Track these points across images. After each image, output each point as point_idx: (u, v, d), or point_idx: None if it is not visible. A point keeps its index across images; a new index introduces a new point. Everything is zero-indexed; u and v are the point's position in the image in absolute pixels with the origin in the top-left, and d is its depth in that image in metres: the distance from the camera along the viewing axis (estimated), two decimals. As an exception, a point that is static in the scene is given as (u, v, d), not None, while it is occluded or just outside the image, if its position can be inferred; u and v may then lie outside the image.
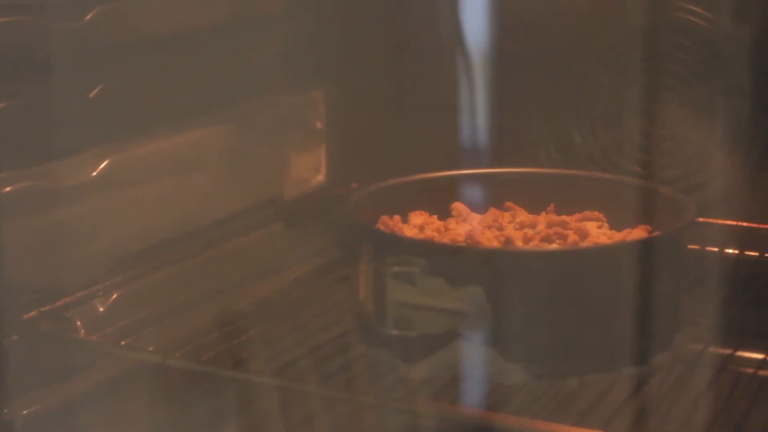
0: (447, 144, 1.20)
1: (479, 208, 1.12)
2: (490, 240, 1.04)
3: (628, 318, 0.96)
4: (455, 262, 0.96)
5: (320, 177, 1.36)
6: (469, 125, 1.21)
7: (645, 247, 1.00)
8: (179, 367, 1.01)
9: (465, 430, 0.91)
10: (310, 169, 1.35)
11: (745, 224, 1.23)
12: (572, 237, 1.03)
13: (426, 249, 0.99)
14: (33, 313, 1.02)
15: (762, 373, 0.99)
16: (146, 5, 1.10)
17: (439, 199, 1.12)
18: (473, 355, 0.95)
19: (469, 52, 1.23)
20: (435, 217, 1.11)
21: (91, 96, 1.06)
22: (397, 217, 1.08)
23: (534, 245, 1.03)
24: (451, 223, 1.10)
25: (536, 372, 0.94)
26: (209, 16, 1.17)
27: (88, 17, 1.04)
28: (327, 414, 0.99)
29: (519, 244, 1.03)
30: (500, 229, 1.07)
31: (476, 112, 1.22)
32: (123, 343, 1.04)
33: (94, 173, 1.07)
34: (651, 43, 1.27)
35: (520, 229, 1.08)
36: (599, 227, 1.08)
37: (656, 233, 1.05)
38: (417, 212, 1.11)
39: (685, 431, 0.89)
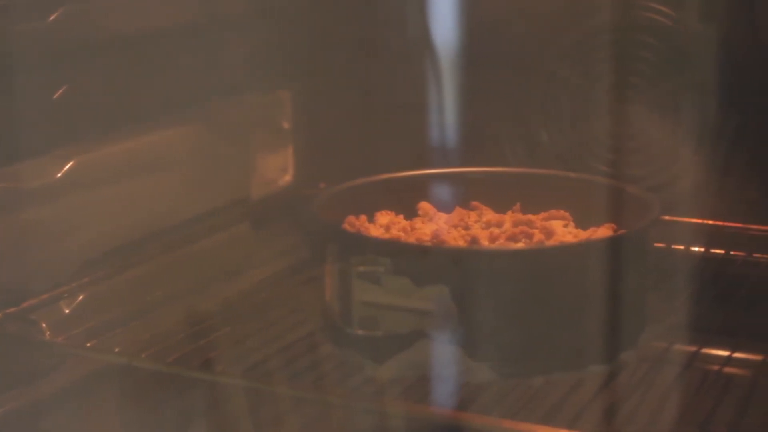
0: (415, 143, 1.21)
1: (446, 208, 1.13)
2: (456, 239, 1.04)
3: (594, 316, 0.97)
4: (420, 261, 0.96)
5: (287, 177, 1.36)
6: (436, 125, 1.21)
7: (610, 245, 1.00)
8: (146, 368, 1.00)
9: (432, 429, 0.91)
10: (278, 169, 1.35)
11: (710, 222, 1.23)
12: (538, 236, 1.04)
13: (391, 249, 0.99)
14: (-2, 315, 1.02)
15: (727, 370, 1.00)
16: (111, 5, 1.09)
17: (406, 199, 1.12)
18: (440, 355, 0.95)
19: (437, 52, 1.24)
20: (401, 216, 1.11)
21: (55, 97, 1.05)
22: (363, 217, 1.09)
23: (500, 244, 1.03)
24: (418, 222, 1.10)
25: (503, 371, 0.94)
26: (175, 17, 1.17)
27: (52, 18, 1.03)
28: (296, 414, 0.99)
29: (485, 243, 1.03)
30: (466, 228, 1.08)
31: (444, 112, 1.22)
32: (89, 344, 1.03)
33: (59, 174, 1.07)
34: (617, 42, 1.28)
35: (487, 228, 1.08)
36: (565, 226, 1.09)
37: (621, 231, 1.05)
38: (383, 212, 1.11)
39: (651, 429, 0.90)
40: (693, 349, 1.02)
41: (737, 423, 0.90)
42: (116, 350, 1.02)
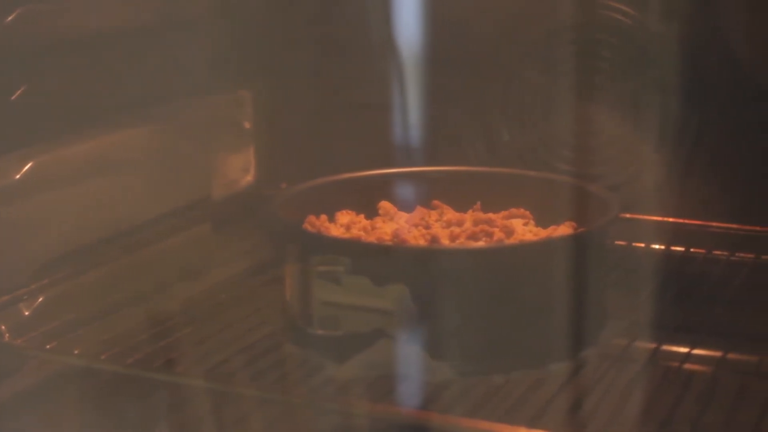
0: (377, 143, 1.20)
1: (407, 207, 1.13)
2: (416, 238, 1.04)
3: (554, 314, 0.97)
4: (380, 261, 0.96)
5: (249, 177, 1.36)
6: (399, 124, 1.21)
7: (569, 243, 1.01)
8: (106, 370, 1.00)
9: (394, 428, 0.91)
10: (239, 169, 1.35)
11: (671, 220, 1.24)
12: (498, 234, 1.04)
13: (350, 248, 0.99)
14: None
15: (688, 367, 1.00)
16: (69, 6, 1.09)
17: (367, 198, 1.13)
18: (400, 354, 0.95)
19: (400, 52, 1.23)
20: (362, 216, 1.11)
21: (13, 98, 1.05)
22: (323, 217, 1.09)
23: (460, 243, 1.03)
24: (378, 222, 1.10)
25: (463, 369, 0.94)
26: (134, 17, 1.16)
27: (9, 19, 1.03)
28: (259, 414, 0.99)
29: (445, 242, 1.03)
30: (427, 227, 1.08)
31: (406, 111, 1.22)
32: (49, 346, 1.03)
33: (18, 176, 1.06)
34: (577, 41, 1.28)
35: (447, 227, 1.08)
36: (525, 224, 1.09)
37: (581, 230, 1.05)
38: (344, 211, 1.11)
39: (613, 426, 0.90)
40: (653, 346, 1.02)
41: (699, 420, 0.90)
42: (75, 352, 1.01)
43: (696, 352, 1.02)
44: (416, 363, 0.95)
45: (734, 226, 1.22)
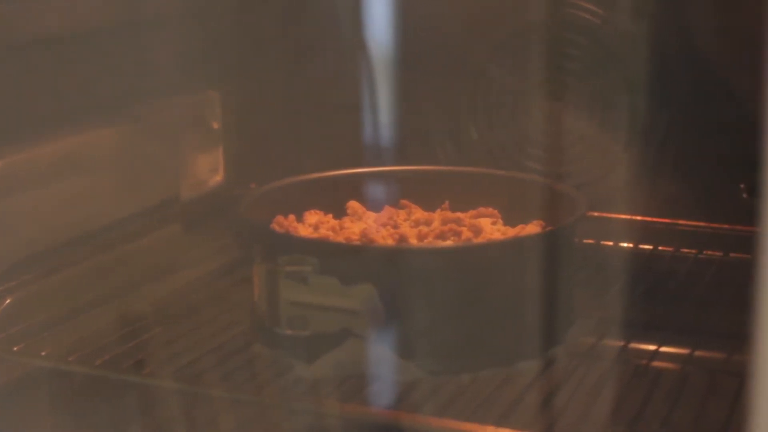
0: (348, 143, 1.21)
1: (375, 207, 1.13)
2: (384, 238, 1.04)
3: (522, 313, 0.97)
4: (348, 260, 0.96)
5: (218, 177, 1.35)
6: (369, 124, 1.21)
7: (537, 242, 1.01)
8: (74, 371, 1.00)
9: (363, 427, 0.91)
10: (208, 169, 1.34)
11: (639, 218, 1.24)
12: (466, 233, 1.04)
13: (318, 248, 0.99)
14: None
15: (656, 364, 1.01)
16: (34, 5, 1.08)
17: (335, 198, 1.13)
18: (368, 354, 0.95)
19: (369, 51, 1.24)
20: (330, 216, 1.12)
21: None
22: (291, 217, 1.08)
23: (428, 243, 1.03)
24: (347, 221, 1.10)
25: (432, 369, 0.95)
26: (102, 17, 1.16)
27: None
28: (229, 415, 0.99)
29: (413, 241, 1.04)
30: (395, 226, 1.08)
31: (376, 111, 1.22)
32: (16, 348, 1.02)
33: (-14, 177, 1.06)
34: (545, 40, 1.28)
35: (415, 226, 1.08)
36: (493, 223, 1.09)
37: (549, 228, 1.06)
38: (312, 211, 1.11)
39: (582, 424, 0.90)
40: (622, 343, 1.03)
41: (668, 417, 0.91)
42: (43, 353, 1.01)
43: (664, 349, 1.02)
44: (385, 362, 0.95)
45: (702, 224, 1.23)
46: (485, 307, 0.96)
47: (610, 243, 1.22)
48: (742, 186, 1.18)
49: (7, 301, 1.07)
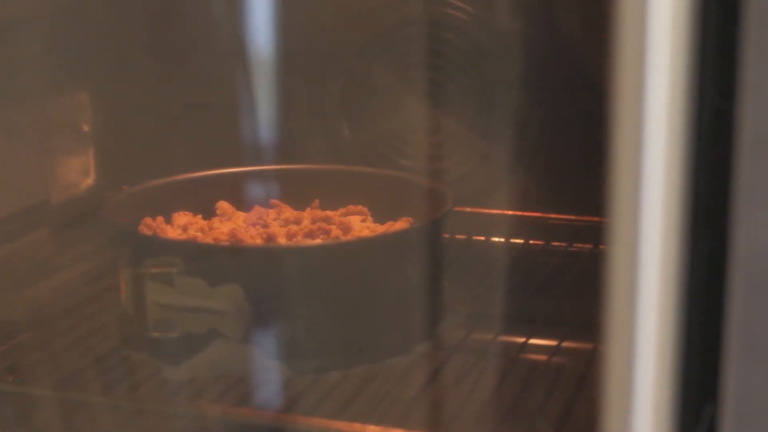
0: (223, 143, 1.20)
1: (246, 207, 1.13)
2: (253, 238, 1.04)
3: (389, 309, 0.98)
4: (213, 261, 0.96)
5: (89, 180, 1.34)
6: (243, 124, 1.21)
7: (404, 238, 1.02)
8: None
9: (227, 428, 0.91)
10: (78, 172, 1.33)
11: (510, 213, 1.26)
12: (336, 232, 1.04)
13: (183, 249, 0.98)
14: None
15: (525, 356, 1.02)
16: None
17: (205, 199, 1.12)
18: (237, 354, 0.95)
19: (245, 50, 1.23)
20: (199, 216, 1.11)
21: None
22: (160, 218, 1.08)
23: (296, 241, 1.03)
24: (216, 222, 1.10)
25: (299, 368, 0.95)
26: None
27: None
28: (103, 419, 0.98)
29: (282, 240, 1.04)
30: (265, 226, 1.08)
31: (251, 111, 1.22)
32: None
33: None
34: (418, 38, 1.29)
35: (285, 225, 1.08)
36: (363, 221, 1.10)
37: (416, 224, 1.06)
38: (181, 213, 1.10)
39: (457, 418, 0.91)
40: (491, 337, 1.04)
41: (541, 409, 0.92)
42: None
43: (533, 341, 1.03)
44: (254, 363, 0.95)
45: (572, 217, 1.24)
46: (353, 305, 0.96)
47: (482, 238, 1.23)
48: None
49: None
